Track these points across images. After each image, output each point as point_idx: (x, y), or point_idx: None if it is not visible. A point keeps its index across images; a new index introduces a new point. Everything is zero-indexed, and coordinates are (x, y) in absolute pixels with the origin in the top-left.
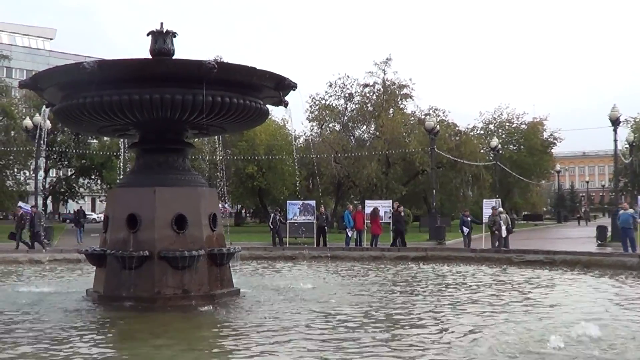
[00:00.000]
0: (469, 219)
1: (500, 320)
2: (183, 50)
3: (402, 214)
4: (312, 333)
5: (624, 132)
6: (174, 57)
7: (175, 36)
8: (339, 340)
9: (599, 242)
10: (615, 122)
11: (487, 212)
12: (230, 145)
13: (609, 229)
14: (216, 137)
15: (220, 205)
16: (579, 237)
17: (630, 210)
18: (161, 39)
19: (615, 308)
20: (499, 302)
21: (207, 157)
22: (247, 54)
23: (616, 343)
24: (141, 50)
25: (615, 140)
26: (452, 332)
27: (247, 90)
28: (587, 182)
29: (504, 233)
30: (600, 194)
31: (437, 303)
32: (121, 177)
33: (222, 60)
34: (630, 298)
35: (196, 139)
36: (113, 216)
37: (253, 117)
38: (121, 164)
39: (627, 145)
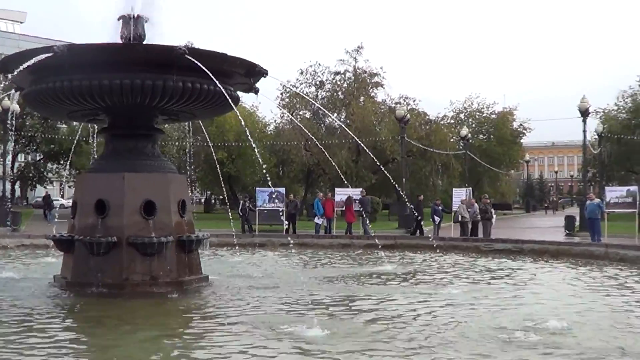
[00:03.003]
0: (440, 207)
1: (465, 309)
2: (156, 36)
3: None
4: (278, 319)
5: (593, 123)
6: (144, 43)
7: (146, 21)
8: (307, 325)
9: (567, 232)
10: (584, 113)
11: (456, 201)
12: (200, 131)
13: (577, 218)
14: (186, 123)
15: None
16: (547, 226)
17: (597, 200)
18: (132, 24)
19: (581, 296)
20: (465, 289)
21: (177, 143)
22: (220, 42)
23: (580, 330)
24: (114, 35)
25: (585, 131)
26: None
27: (218, 77)
28: (556, 172)
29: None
30: (569, 184)
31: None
32: (90, 162)
33: (193, 46)
34: (595, 287)
35: (166, 125)
36: (81, 202)
37: (223, 104)
38: (94, 149)
39: (596, 136)
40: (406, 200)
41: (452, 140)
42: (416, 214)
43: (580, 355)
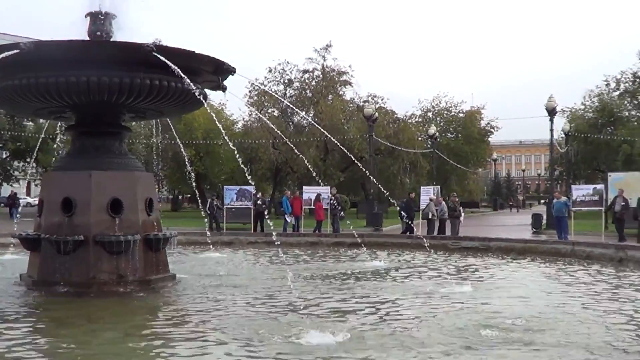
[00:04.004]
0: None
1: (432, 307)
2: (124, 33)
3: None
4: (246, 318)
5: (561, 122)
6: (112, 40)
7: (114, 18)
8: (271, 324)
9: (534, 230)
10: (551, 112)
11: (424, 199)
12: (168, 129)
13: (545, 216)
14: (154, 121)
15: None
16: (514, 224)
17: (564, 199)
18: (100, 20)
19: (547, 293)
20: (433, 288)
21: (144, 141)
22: (189, 40)
23: (546, 326)
24: (82, 32)
25: (552, 130)
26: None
27: (186, 74)
28: (524, 170)
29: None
30: (537, 182)
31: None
32: (57, 160)
33: (161, 43)
34: (561, 284)
35: (133, 123)
36: (48, 200)
37: (191, 101)
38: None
39: (563, 135)
40: (382, 197)
41: (420, 138)
42: (404, 213)
43: (546, 351)
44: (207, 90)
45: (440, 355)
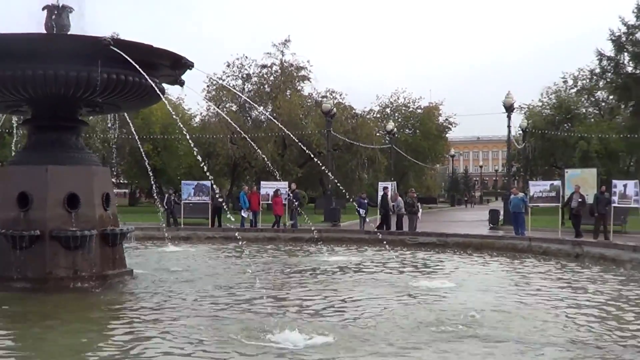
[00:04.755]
0: (365, 201)
1: (392, 301)
2: (82, 27)
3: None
4: (204, 315)
5: (518, 119)
6: (69, 33)
7: (71, 11)
8: (229, 319)
9: (491, 226)
10: (509, 108)
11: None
12: (126, 124)
13: (502, 212)
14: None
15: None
16: (472, 220)
17: (521, 195)
18: (57, 14)
19: (504, 288)
20: (389, 283)
21: (101, 136)
22: (148, 34)
23: (501, 321)
24: (39, 25)
25: (509, 127)
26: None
27: (143, 68)
28: (481, 166)
29: (420, 215)
30: (494, 178)
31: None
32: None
33: (119, 37)
34: (518, 279)
35: (90, 117)
36: (3, 194)
37: (149, 95)
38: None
39: (521, 132)
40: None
41: (378, 134)
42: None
43: (502, 344)
44: (165, 85)
45: (401, 350)
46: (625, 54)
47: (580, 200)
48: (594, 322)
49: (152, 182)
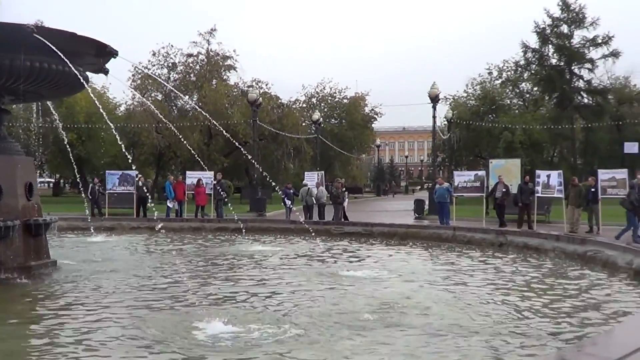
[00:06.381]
0: (291, 191)
1: (316, 290)
2: (5, 14)
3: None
4: (126, 303)
5: (443, 109)
6: None
7: None
8: (153, 308)
9: (417, 215)
10: (434, 99)
11: (311, 184)
12: (50, 112)
13: (427, 202)
14: (34, 103)
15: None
16: (398, 210)
17: (446, 185)
18: None
19: (427, 277)
20: (314, 273)
21: (24, 125)
22: (73, 22)
23: (427, 309)
24: None
25: (434, 117)
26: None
27: (67, 56)
28: (407, 156)
29: (346, 205)
30: (419, 168)
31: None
32: None
33: (43, 25)
34: (442, 268)
35: (13, 106)
36: None
37: (73, 84)
38: None
39: (446, 122)
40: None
41: (304, 124)
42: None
43: (427, 333)
44: (89, 73)
45: (321, 338)
46: (550, 46)
47: (504, 190)
48: (513, 310)
49: (76, 172)
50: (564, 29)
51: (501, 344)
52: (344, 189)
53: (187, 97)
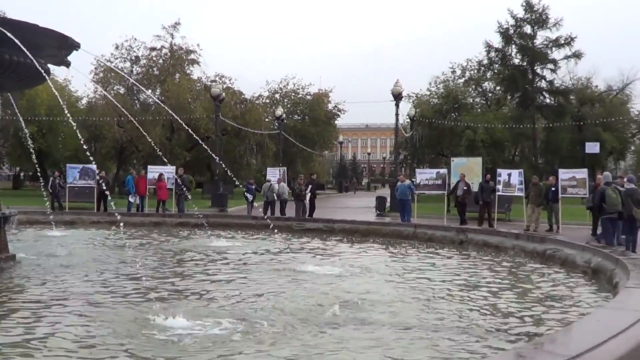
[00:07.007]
0: (253, 186)
1: (277, 286)
2: None
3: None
4: (87, 297)
5: (406, 107)
6: None
7: None
8: (114, 303)
9: (378, 212)
10: (397, 97)
11: (273, 180)
12: (10, 105)
13: (388, 199)
14: None
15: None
16: (360, 206)
17: (408, 182)
18: None
19: (386, 274)
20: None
21: None
22: (35, 14)
23: (385, 305)
24: None
25: (397, 115)
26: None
27: (28, 48)
28: (369, 153)
29: (307, 202)
30: (382, 165)
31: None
32: None
33: (4, 15)
34: (401, 265)
35: None
36: None
37: (34, 76)
38: None
39: (409, 120)
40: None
41: (267, 120)
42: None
43: (386, 328)
44: (50, 66)
45: (278, 335)
46: (513, 46)
47: (465, 188)
48: (472, 307)
49: (37, 165)
50: (527, 29)
51: (460, 340)
52: (309, 186)
53: (149, 91)
